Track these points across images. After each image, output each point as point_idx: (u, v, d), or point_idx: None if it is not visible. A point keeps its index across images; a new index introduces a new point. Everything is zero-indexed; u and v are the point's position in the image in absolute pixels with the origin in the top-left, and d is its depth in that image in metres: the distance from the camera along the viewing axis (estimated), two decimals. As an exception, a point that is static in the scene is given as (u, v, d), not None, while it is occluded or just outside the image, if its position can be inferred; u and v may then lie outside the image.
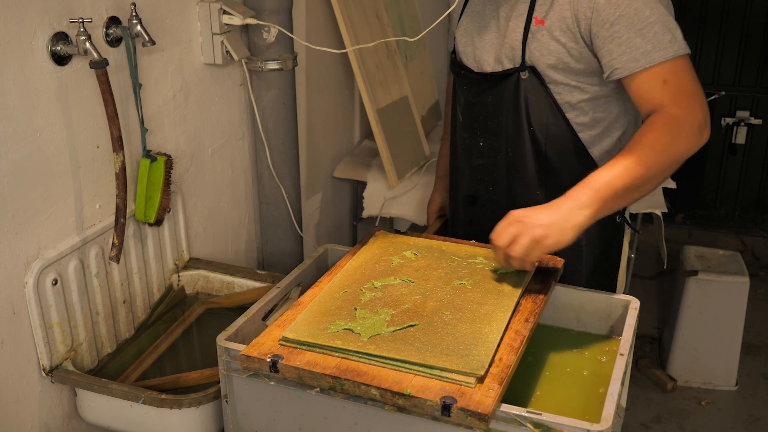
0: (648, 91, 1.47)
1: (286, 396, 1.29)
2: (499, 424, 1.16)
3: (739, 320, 2.95)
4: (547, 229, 1.37)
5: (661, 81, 1.45)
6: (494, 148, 1.71)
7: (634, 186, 1.42)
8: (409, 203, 2.59)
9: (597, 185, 1.40)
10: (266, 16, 2.01)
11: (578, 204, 1.39)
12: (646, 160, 1.41)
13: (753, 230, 4.34)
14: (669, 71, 1.45)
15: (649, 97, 1.47)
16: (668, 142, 1.42)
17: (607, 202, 1.40)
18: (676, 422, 2.89)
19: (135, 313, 1.79)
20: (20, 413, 1.53)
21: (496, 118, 1.68)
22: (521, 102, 1.61)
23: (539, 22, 1.55)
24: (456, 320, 1.33)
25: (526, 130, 1.63)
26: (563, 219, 1.38)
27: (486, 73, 1.67)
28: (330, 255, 1.72)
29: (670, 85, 1.45)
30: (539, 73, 1.58)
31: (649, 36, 1.45)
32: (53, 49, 1.47)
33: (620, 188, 1.40)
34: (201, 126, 1.98)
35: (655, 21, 1.45)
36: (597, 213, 1.40)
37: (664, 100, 1.45)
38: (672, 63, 1.45)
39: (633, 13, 1.45)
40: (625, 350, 1.33)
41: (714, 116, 4.19)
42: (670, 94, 1.45)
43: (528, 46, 1.57)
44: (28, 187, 1.48)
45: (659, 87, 1.46)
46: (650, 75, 1.46)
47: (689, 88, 1.46)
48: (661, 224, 2.62)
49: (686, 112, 1.44)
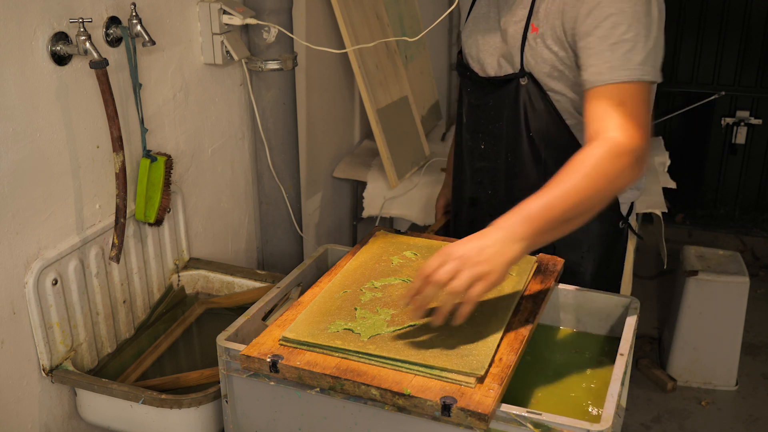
0: (601, 108, 1.39)
1: (286, 396, 1.29)
2: (499, 424, 1.16)
3: (739, 320, 2.95)
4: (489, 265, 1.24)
5: (618, 101, 1.38)
6: (495, 152, 1.70)
7: (569, 216, 1.31)
8: (409, 203, 2.59)
9: (531, 215, 1.28)
10: (266, 16, 2.01)
11: (513, 236, 1.26)
12: (581, 189, 1.31)
13: (753, 230, 4.34)
14: (629, 95, 1.38)
15: (601, 115, 1.39)
16: (606, 169, 1.33)
17: (542, 234, 1.29)
18: (676, 422, 2.88)
19: (135, 313, 1.79)
20: (20, 413, 1.53)
21: (497, 122, 1.67)
22: (520, 107, 1.60)
23: (534, 30, 1.54)
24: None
25: (525, 136, 1.62)
26: (500, 254, 1.25)
27: (488, 77, 1.66)
28: (330, 255, 1.72)
29: (626, 108, 1.38)
30: (537, 80, 1.57)
31: (620, 53, 1.39)
32: (53, 49, 1.47)
33: (555, 218, 1.29)
34: (201, 126, 1.98)
35: (629, 39, 1.39)
36: (530, 246, 1.28)
37: (614, 123, 1.37)
38: (635, 86, 1.39)
39: (609, 26, 1.41)
40: (625, 350, 1.33)
41: (714, 116, 4.19)
42: (621, 118, 1.37)
43: (525, 53, 1.56)
44: (28, 187, 1.48)
45: (614, 107, 1.38)
46: (610, 93, 1.39)
47: (641, 119, 1.38)
48: (661, 224, 2.62)
49: (630, 143, 1.35)
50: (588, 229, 1.64)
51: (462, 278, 1.22)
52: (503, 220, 1.29)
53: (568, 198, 1.30)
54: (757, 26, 4.00)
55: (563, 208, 1.29)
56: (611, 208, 1.65)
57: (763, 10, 3.97)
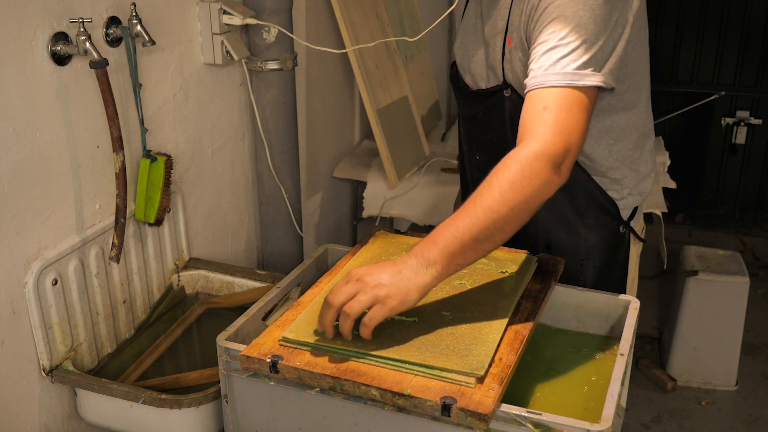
0: (527, 112, 1.35)
1: (286, 396, 1.29)
2: (499, 424, 1.16)
3: (739, 320, 2.95)
4: (390, 288, 1.23)
5: (542, 107, 1.33)
6: (488, 162, 1.68)
7: (484, 235, 1.26)
8: (409, 203, 2.59)
9: (441, 239, 1.25)
10: (266, 16, 2.01)
11: (423, 261, 1.24)
12: (491, 203, 1.26)
13: (753, 230, 4.35)
14: (553, 99, 1.33)
15: (526, 119, 1.35)
16: (518, 182, 1.27)
17: (455, 257, 1.25)
18: (676, 422, 2.89)
19: (135, 313, 1.79)
20: (20, 413, 1.53)
21: (487, 134, 1.66)
22: (506, 119, 1.59)
23: (509, 42, 1.52)
24: (456, 320, 1.33)
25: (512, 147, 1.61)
26: (407, 279, 1.23)
27: (476, 90, 1.66)
28: (330, 255, 1.72)
29: (549, 113, 1.32)
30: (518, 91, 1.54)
31: (556, 57, 1.34)
32: (53, 49, 1.47)
33: (467, 240, 1.25)
34: (201, 126, 1.98)
35: (567, 44, 1.34)
36: (445, 269, 1.25)
37: (534, 129, 1.32)
38: (562, 91, 1.33)
39: (549, 32, 1.36)
40: (625, 350, 1.33)
41: (714, 116, 4.19)
42: (539, 124, 1.32)
43: (505, 65, 1.54)
44: (28, 187, 1.48)
45: (538, 112, 1.33)
46: (536, 97, 1.34)
47: (565, 123, 1.31)
48: (661, 224, 2.62)
49: (548, 148, 1.29)
50: (585, 236, 1.63)
51: (358, 300, 1.22)
52: (417, 246, 1.27)
53: (480, 219, 1.26)
54: (757, 26, 4.00)
55: (476, 230, 1.25)
56: (609, 214, 1.62)
57: (763, 10, 3.97)
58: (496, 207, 1.26)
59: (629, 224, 1.66)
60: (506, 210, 1.26)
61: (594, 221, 1.62)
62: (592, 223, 1.62)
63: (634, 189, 1.63)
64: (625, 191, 1.62)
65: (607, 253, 1.67)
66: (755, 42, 4.03)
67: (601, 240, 1.64)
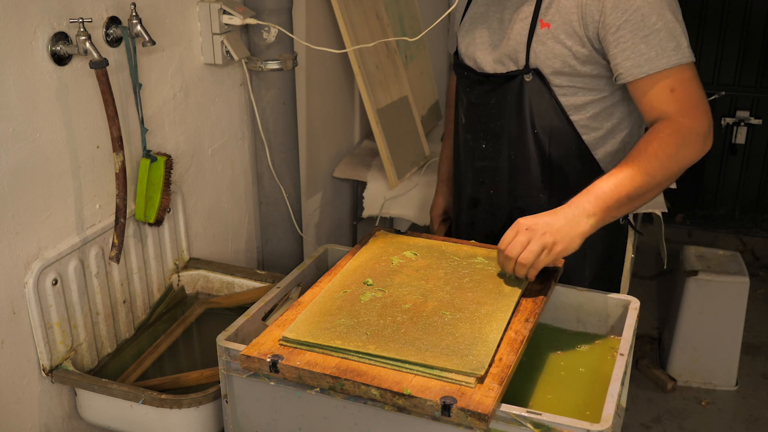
0: (654, 98, 1.48)
1: (286, 396, 1.29)
2: (499, 424, 1.17)
3: (739, 320, 2.95)
4: (556, 236, 1.39)
5: (669, 89, 1.46)
6: (496, 150, 1.71)
7: (637, 194, 1.44)
8: (409, 203, 2.59)
9: (601, 193, 1.42)
10: (266, 16, 2.01)
11: (583, 212, 1.41)
12: (650, 169, 1.43)
13: (753, 230, 4.35)
14: (676, 80, 1.46)
15: (656, 104, 1.48)
16: (673, 151, 1.44)
17: (610, 210, 1.43)
18: (676, 422, 2.89)
19: (135, 313, 1.79)
20: (20, 413, 1.53)
21: (498, 120, 1.67)
22: (525, 104, 1.61)
23: (545, 25, 1.55)
24: (456, 320, 1.33)
25: (530, 133, 1.63)
26: (570, 226, 1.40)
27: (489, 75, 1.66)
28: (330, 255, 1.72)
29: (678, 93, 1.46)
30: (543, 76, 1.58)
31: (654, 43, 1.45)
32: (53, 49, 1.47)
33: (623, 196, 1.43)
34: (201, 126, 1.98)
35: (660, 28, 1.45)
36: (601, 221, 1.43)
37: (671, 109, 1.46)
38: (677, 70, 1.46)
39: (639, 19, 1.45)
40: (625, 350, 1.34)
41: (714, 116, 4.17)
42: (677, 103, 1.46)
43: (533, 48, 1.57)
44: (28, 187, 1.48)
45: (666, 95, 1.47)
46: (656, 82, 1.47)
47: (695, 97, 1.47)
48: (661, 224, 2.62)
49: (692, 122, 1.46)
50: None
51: (530, 250, 1.38)
52: (576, 198, 1.44)
53: (636, 177, 1.42)
54: (757, 26, 4.00)
55: (632, 187, 1.42)
56: None
57: (763, 10, 3.97)
58: (654, 172, 1.43)
59: (627, 216, 1.73)
60: (661, 176, 1.45)
61: None
62: None
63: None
64: None
65: (609, 243, 1.73)
66: (755, 42, 4.03)
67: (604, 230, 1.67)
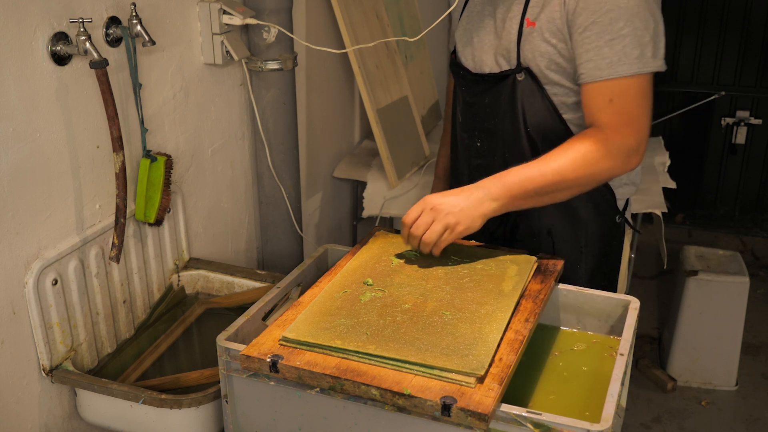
0: (593, 104, 1.49)
1: (286, 396, 1.29)
2: (499, 424, 1.17)
3: (739, 320, 2.95)
4: (459, 216, 1.45)
5: (608, 99, 1.46)
6: (491, 149, 1.71)
7: (545, 191, 1.47)
8: (409, 203, 2.59)
9: (509, 182, 1.46)
10: (266, 16, 2.01)
11: (488, 195, 1.46)
12: (563, 171, 1.45)
13: (753, 230, 4.34)
14: (619, 90, 1.45)
15: (593, 110, 1.49)
16: (591, 160, 1.45)
17: (515, 200, 1.47)
18: (676, 422, 2.89)
19: (135, 313, 1.79)
20: (20, 413, 1.53)
21: (492, 119, 1.68)
22: (518, 103, 1.61)
23: (530, 24, 1.55)
24: (456, 320, 1.33)
25: (523, 132, 1.63)
26: (473, 207, 1.45)
27: (483, 74, 1.67)
28: (330, 255, 1.72)
29: (615, 106, 1.46)
30: (535, 75, 1.58)
31: (617, 48, 1.44)
32: (53, 49, 1.47)
33: (530, 190, 1.46)
34: (201, 126, 1.98)
35: (627, 34, 1.43)
36: (504, 206, 1.47)
37: (604, 119, 1.47)
38: (630, 80, 1.45)
39: (607, 22, 1.44)
40: (625, 350, 1.33)
41: (714, 116, 4.19)
42: (610, 116, 1.46)
43: (522, 47, 1.57)
44: (28, 187, 1.48)
45: (605, 105, 1.47)
46: (600, 90, 1.47)
47: (632, 113, 1.46)
48: (661, 224, 2.62)
49: (621, 138, 1.45)
50: (585, 224, 1.68)
51: (433, 230, 1.46)
52: (486, 181, 1.47)
53: (547, 176, 1.45)
54: (757, 26, 4.00)
55: (540, 183, 1.46)
56: (608, 204, 1.68)
57: (763, 10, 3.97)
58: (565, 172, 1.45)
59: (623, 214, 1.72)
60: (572, 177, 1.46)
61: (594, 209, 1.68)
62: (592, 211, 1.68)
63: (627, 178, 1.69)
64: (623, 178, 1.68)
65: (604, 242, 1.73)
66: (755, 42, 4.03)
67: (600, 229, 1.70)
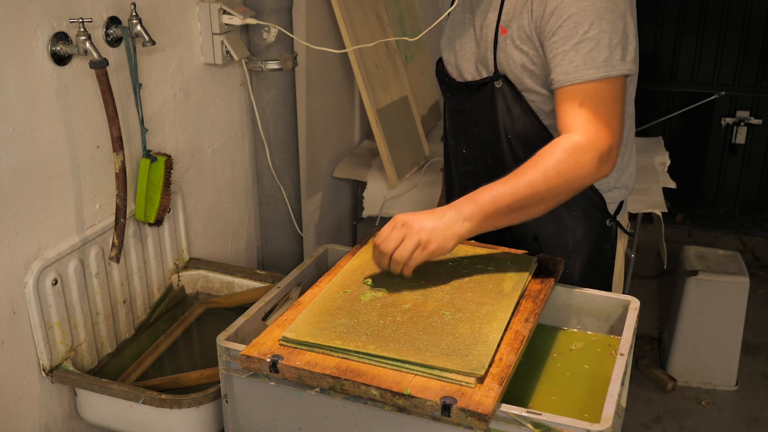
0: (564, 110, 1.44)
1: (286, 396, 1.29)
2: (499, 424, 1.17)
3: (739, 320, 2.95)
4: (431, 234, 1.39)
5: (578, 104, 1.42)
6: (476, 156, 1.71)
7: (519, 206, 1.41)
8: (409, 203, 2.59)
9: (482, 201, 1.40)
10: (266, 16, 2.01)
11: (460, 215, 1.40)
12: (535, 183, 1.39)
13: (753, 230, 4.34)
14: (592, 93, 1.42)
15: (564, 116, 1.45)
16: (563, 169, 1.40)
17: (488, 218, 1.41)
18: (676, 422, 2.89)
19: (135, 313, 1.79)
20: (20, 413, 1.53)
21: (474, 126, 1.68)
22: (497, 110, 1.60)
23: (504, 32, 1.54)
24: (456, 320, 1.33)
25: (504, 139, 1.62)
26: (445, 227, 1.39)
27: (465, 82, 1.66)
28: (330, 255, 1.72)
29: (585, 110, 1.42)
30: (512, 82, 1.56)
31: (583, 52, 1.41)
32: (53, 49, 1.47)
33: (504, 207, 1.40)
34: (201, 126, 1.98)
35: (593, 37, 1.41)
36: (478, 226, 1.41)
37: (575, 124, 1.42)
38: (599, 84, 1.42)
39: (572, 26, 1.42)
40: (625, 350, 1.33)
41: (714, 116, 4.19)
42: (581, 120, 1.42)
43: (498, 55, 1.56)
44: (28, 187, 1.48)
45: (574, 110, 1.43)
46: (573, 92, 1.43)
47: (603, 117, 1.42)
48: (661, 224, 2.62)
49: (591, 143, 1.40)
50: (572, 229, 1.65)
51: (404, 247, 1.39)
52: (458, 201, 1.42)
53: (519, 191, 1.40)
54: (757, 26, 4.00)
55: (512, 199, 1.40)
56: (597, 207, 1.65)
57: (763, 10, 3.97)
58: (537, 184, 1.39)
59: (615, 218, 1.69)
60: (545, 189, 1.40)
61: (581, 214, 1.65)
62: (580, 216, 1.65)
63: (618, 181, 1.66)
64: (611, 182, 1.65)
65: (594, 246, 1.70)
66: (755, 42, 4.03)
67: (589, 233, 1.67)
